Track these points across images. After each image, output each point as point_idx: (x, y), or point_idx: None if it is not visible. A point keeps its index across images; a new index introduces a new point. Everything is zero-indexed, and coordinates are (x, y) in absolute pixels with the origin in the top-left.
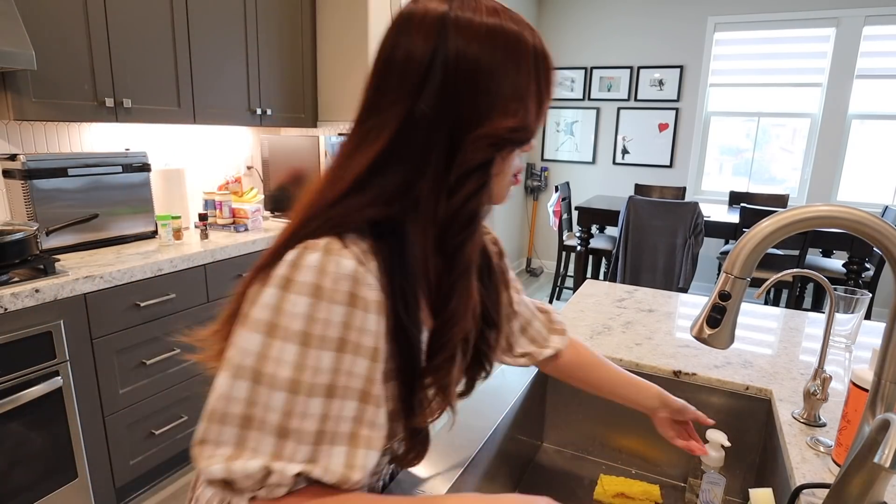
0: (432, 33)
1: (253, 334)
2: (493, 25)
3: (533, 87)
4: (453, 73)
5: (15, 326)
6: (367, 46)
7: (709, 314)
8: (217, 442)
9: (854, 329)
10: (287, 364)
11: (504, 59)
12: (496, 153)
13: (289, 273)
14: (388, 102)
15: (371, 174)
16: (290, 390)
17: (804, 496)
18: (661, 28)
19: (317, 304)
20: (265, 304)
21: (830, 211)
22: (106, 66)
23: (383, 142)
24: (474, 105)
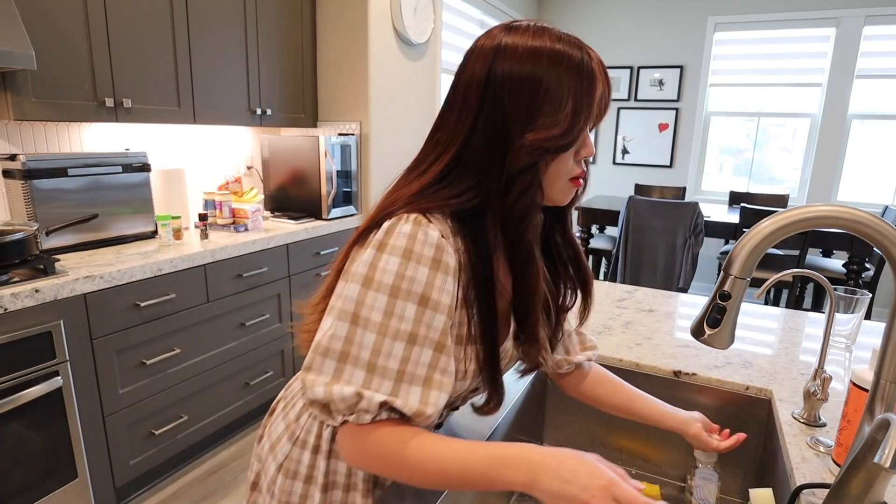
0: (488, 59)
1: (353, 285)
2: (535, 47)
3: (572, 100)
4: (500, 91)
5: (15, 326)
6: (367, 46)
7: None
8: (319, 371)
9: (854, 329)
10: (378, 311)
11: (542, 75)
12: (536, 160)
13: (384, 238)
14: (457, 117)
15: (445, 176)
16: (379, 332)
17: (804, 496)
18: (661, 28)
19: (406, 264)
20: (364, 261)
21: (830, 211)
22: (106, 66)
23: (454, 149)
24: (517, 118)
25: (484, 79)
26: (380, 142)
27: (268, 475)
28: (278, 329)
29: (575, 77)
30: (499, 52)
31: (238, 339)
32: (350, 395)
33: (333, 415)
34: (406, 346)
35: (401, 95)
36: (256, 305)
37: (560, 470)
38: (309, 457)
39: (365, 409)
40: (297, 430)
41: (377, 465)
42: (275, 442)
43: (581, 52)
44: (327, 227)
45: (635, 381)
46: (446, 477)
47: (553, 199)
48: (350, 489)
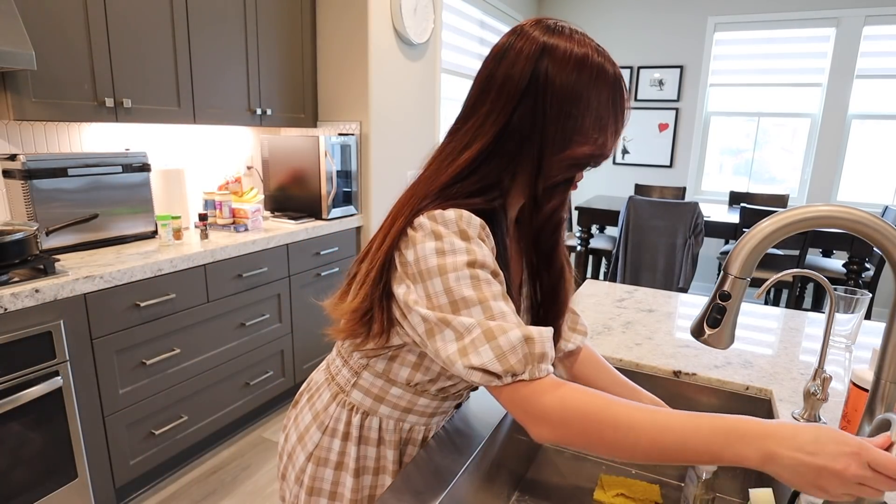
0: (532, 59)
1: (433, 280)
2: (582, 56)
3: (611, 115)
4: (544, 95)
5: (15, 326)
6: (367, 46)
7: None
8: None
9: (854, 329)
10: (466, 285)
11: (589, 86)
12: (574, 174)
13: (433, 227)
14: (487, 112)
15: (471, 168)
16: (480, 302)
17: (804, 496)
18: (661, 28)
19: (468, 241)
20: (426, 256)
21: (830, 211)
22: (106, 66)
23: (482, 144)
24: (561, 127)
25: (528, 78)
26: (380, 142)
27: (296, 466)
28: (278, 329)
29: (611, 93)
30: (545, 53)
31: (238, 339)
32: (517, 339)
33: (500, 377)
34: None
35: (401, 95)
36: (256, 305)
37: (800, 441)
38: (339, 444)
39: (540, 354)
40: (327, 420)
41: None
42: (303, 432)
43: (613, 67)
44: (327, 227)
45: (635, 381)
46: (662, 445)
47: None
48: (380, 472)
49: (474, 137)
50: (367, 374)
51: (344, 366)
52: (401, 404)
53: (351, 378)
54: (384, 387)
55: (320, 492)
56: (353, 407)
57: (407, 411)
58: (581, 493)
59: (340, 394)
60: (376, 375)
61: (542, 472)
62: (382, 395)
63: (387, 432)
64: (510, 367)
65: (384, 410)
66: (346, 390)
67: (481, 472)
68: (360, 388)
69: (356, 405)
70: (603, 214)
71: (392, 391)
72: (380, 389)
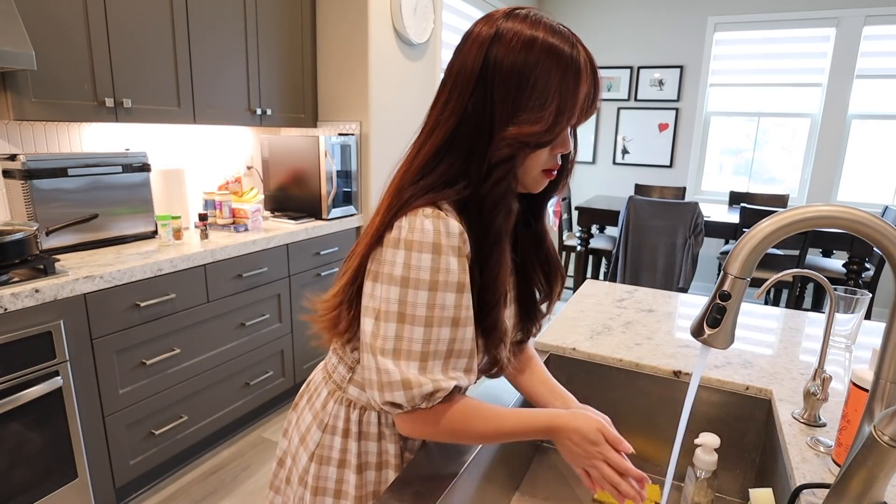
0: (485, 45)
1: (392, 287)
2: (530, 37)
3: (557, 98)
4: (491, 78)
5: (15, 326)
6: (367, 46)
7: (709, 314)
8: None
9: (854, 329)
10: (421, 306)
11: (536, 66)
12: (515, 153)
13: (408, 235)
14: (446, 101)
15: (435, 160)
16: (426, 325)
17: (804, 496)
18: (661, 28)
19: (438, 258)
20: (396, 262)
21: (830, 211)
22: (106, 66)
23: (442, 135)
24: (504, 107)
25: (480, 64)
26: (380, 142)
27: (299, 467)
28: (278, 329)
29: (562, 74)
30: (495, 38)
31: (238, 339)
32: (429, 392)
33: (402, 407)
34: (451, 329)
35: (401, 95)
36: (256, 305)
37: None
38: (340, 441)
39: (438, 399)
40: (326, 418)
41: (445, 438)
42: (304, 433)
43: (573, 48)
44: (327, 226)
45: (635, 381)
46: (500, 439)
47: (526, 186)
48: (383, 467)
49: (435, 127)
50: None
51: (339, 363)
52: None
53: (346, 374)
54: None
55: (325, 491)
56: (351, 403)
57: None
58: (581, 493)
59: (337, 391)
60: None
61: (542, 472)
62: None
63: (386, 426)
64: (415, 404)
65: None
66: (342, 387)
67: (481, 472)
68: (355, 384)
69: (353, 401)
70: (603, 214)
71: None
72: None
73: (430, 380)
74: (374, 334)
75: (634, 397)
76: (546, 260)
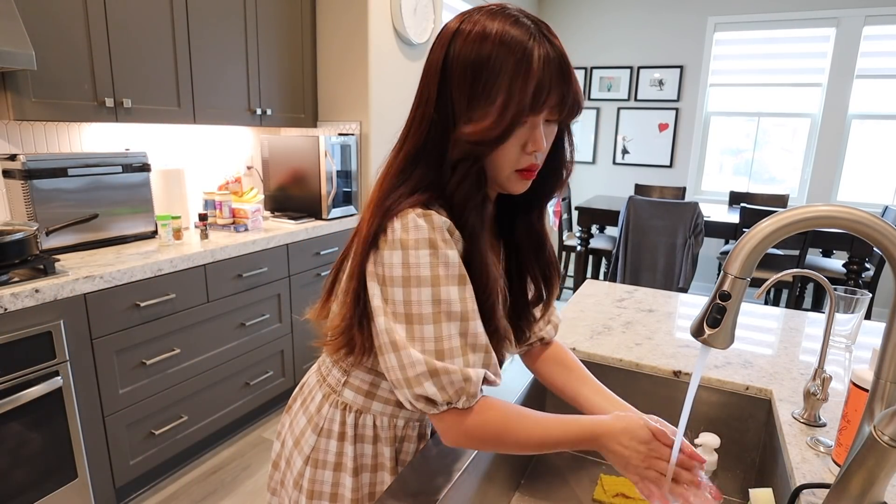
0: (446, 41)
1: (395, 288)
2: (485, 30)
3: (505, 91)
4: (450, 75)
5: (15, 326)
6: (367, 46)
7: (709, 314)
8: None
9: (854, 329)
10: (427, 303)
11: (484, 62)
12: (470, 152)
13: (403, 235)
14: (419, 107)
15: (412, 166)
16: (434, 322)
17: (804, 496)
18: (661, 28)
19: (436, 253)
20: (394, 263)
21: (830, 211)
22: (106, 66)
23: (414, 141)
24: (461, 105)
25: (441, 62)
26: (380, 142)
27: (294, 471)
28: (278, 329)
29: (514, 67)
30: (456, 32)
31: (238, 339)
32: (459, 382)
33: (438, 405)
34: (461, 323)
35: (401, 95)
36: (256, 305)
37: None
38: (336, 444)
39: (473, 392)
40: (321, 421)
41: (488, 446)
42: (298, 437)
43: (530, 40)
44: (327, 226)
45: (635, 381)
46: (544, 448)
47: (503, 187)
48: (378, 469)
49: (409, 132)
50: (357, 372)
51: (334, 366)
52: (392, 399)
53: (342, 377)
54: (374, 382)
55: (321, 495)
56: (346, 406)
57: (399, 406)
58: (581, 493)
59: (332, 394)
60: (366, 372)
61: (542, 472)
62: (373, 391)
63: (381, 429)
64: (448, 398)
65: (377, 407)
66: (337, 390)
67: (481, 472)
68: (350, 387)
69: (349, 404)
70: (603, 214)
71: (382, 385)
72: (370, 386)
73: (457, 367)
74: (388, 331)
75: (634, 397)
76: (546, 264)
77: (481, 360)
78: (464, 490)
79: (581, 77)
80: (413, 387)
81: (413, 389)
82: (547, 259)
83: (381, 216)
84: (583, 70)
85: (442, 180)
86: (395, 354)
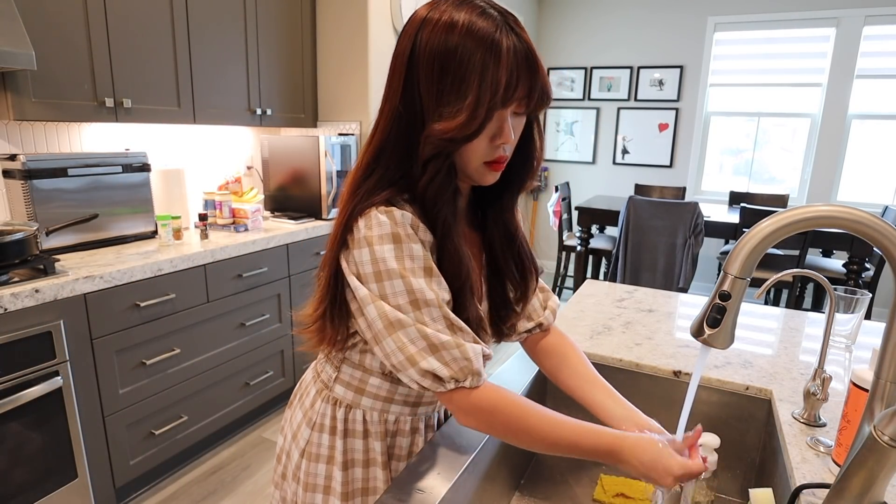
0: (412, 33)
1: (370, 285)
2: (452, 20)
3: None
4: (417, 68)
5: (15, 326)
6: (367, 46)
7: (709, 314)
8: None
9: (854, 329)
10: (401, 293)
11: (452, 54)
12: (440, 150)
13: (367, 233)
14: (387, 102)
15: (377, 161)
16: (413, 310)
17: (804, 496)
18: (661, 28)
19: (400, 246)
20: (364, 260)
21: (830, 211)
22: (106, 66)
23: (381, 136)
24: (430, 101)
25: (408, 54)
26: None
27: (292, 463)
28: (278, 329)
29: (482, 59)
30: (423, 22)
31: (238, 339)
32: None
33: (445, 383)
34: (440, 310)
35: None
36: (256, 305)
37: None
38: (327, 438)
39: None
40: (314, 416)
41: (499, 428)
42: (296, 430)
43: (497, 31)
44: (327, 227)
45: (635, 381)
46: (557, 448)
47: (472, 179)
48: (369, 465)
49: (377, 127)
50: (346, 368)
51: (327, 362)
52: (381, 394)
53: (333, 373)
54: (363, 378)
55: (315, 487)
56: (337, 401)
57: (388, 401)
58: (581, 493)
59: (325, 390)
60: (354, 367)
61: (542, 472)
62: (362, 386)
63: (371, 424)
64: (454, 374)
65: (366, 402)
66: (329, 386)
67: (481, 472)
68: (341, 383)
69: (339, 399)
70: (603, 214)
71: (371, 381)
72: (359, 381)
73: (454, 343)
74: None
75: (634, 397)
76: (518, 254)
77: (471, 339)
78: (464, 490)
79: (581, 77)
80: (417, 362)
81: (418, 365)
82: (518, 250)
83: (346, 215)
84: (583, 70)
85: (410, 174)
86: (391, 338)
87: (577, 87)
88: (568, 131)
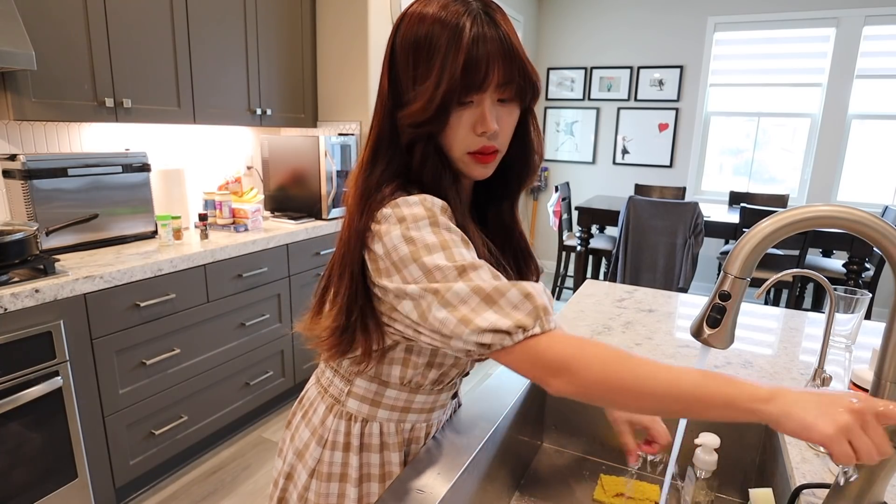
0: (395, 28)
1: (410, 268)
2: (421, 13)
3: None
4: (396, 58)
5: (15, 326)
6: (367, 46)
7: (709, 314)
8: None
9: (854, 329)
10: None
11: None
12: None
13: (399, 214)
14: (378, 95)
15: (377, 156)
16: (461, 279)
17: (804, 496)
18: (661, 28)
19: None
20: (397, 245)
21: (830, 211)
22: (106, 66)
23: (376, 133)
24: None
25: (390, 50)
26: None
27: (298, 485)
28: (278, 329)
29: (445, 42)
30: (403, 17)
31: (238, 339)
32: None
33: (511, 335)
34: (484, 269)
35: None
36: (256, 305)
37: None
38: (340, 456)
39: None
40: (325, 433)
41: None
42: (302, 450)
43: (465, 16)
44: (327, 227)
45: None
46: (678, 394)
47: (461, 170)
48: (386, 479)
49: (373, 120)
50: (361, 381)
51: (335, 376)
52: (398, 405)
53: (344, 387)
54: (379, 390)
55: None
56: (352, 416)
57: (406, 411)
58: (581, 493)
59: (336, 405)
60: (369, 380)
61: (542, 472)
62: (378, 398)
63: (388, 436)
64: (519, 321)
65: (383, 414)
66: (341, 400)
67: (481, 472)
68: (354, 396)
69: (354, 413)
70: (603, 214)
71: (388, 393)
72: (375, 394)
73: (509, 284)
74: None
75: None
76: (516, 251)
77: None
78: (464, 490)
79: (581, 77)
80: (472, 321)
81: (473, 323)
82: (516, 248)
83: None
84: (582, 70)
85: (408, 165)
86: (437, 305)
87: (577, 87)
88: (568, 131)
